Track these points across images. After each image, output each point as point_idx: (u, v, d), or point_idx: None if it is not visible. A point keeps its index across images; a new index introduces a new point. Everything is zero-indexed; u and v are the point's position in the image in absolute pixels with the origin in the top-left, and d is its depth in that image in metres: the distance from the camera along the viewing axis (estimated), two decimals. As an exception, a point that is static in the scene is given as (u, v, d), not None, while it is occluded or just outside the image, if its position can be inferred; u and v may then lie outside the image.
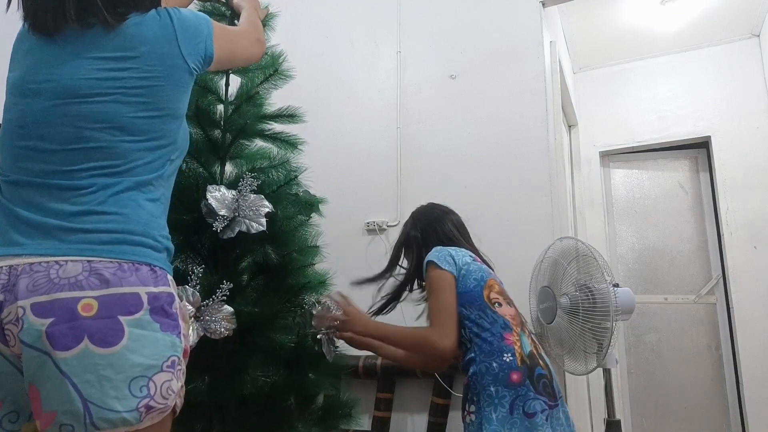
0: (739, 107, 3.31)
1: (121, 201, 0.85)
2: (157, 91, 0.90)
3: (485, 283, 1.39)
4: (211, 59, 0.98)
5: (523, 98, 2.30)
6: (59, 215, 0.82)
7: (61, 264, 0.78)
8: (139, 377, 0.76)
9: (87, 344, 0.74)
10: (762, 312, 3.06)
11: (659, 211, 3.61)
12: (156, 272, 0.84)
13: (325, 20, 2.82)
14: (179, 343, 0.83)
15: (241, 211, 1.24)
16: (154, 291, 0.81)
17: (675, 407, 3.33)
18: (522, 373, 1.24)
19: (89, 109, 0.85)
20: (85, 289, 0.76)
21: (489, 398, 1.22)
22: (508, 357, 1.25)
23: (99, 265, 0.79)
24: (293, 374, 1.29)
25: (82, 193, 0.83)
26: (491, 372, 1.24)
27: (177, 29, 0.93)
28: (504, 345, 1.27)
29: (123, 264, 0.80)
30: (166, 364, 0.79)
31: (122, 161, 0.86)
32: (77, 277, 0.77)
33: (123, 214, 0.84)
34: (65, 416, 0.74)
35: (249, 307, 1.23)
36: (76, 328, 0.74)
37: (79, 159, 0.84)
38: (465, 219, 1.74)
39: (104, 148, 0.85)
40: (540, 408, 1.21)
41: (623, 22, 3.32)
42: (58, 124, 0.85)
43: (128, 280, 0.79)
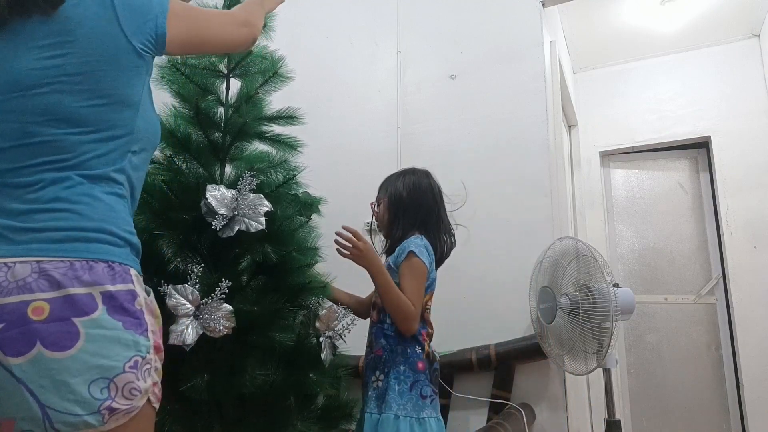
0: (739, 107, 3.31)
1: (73, 196, 0.81)
2: (100, 77, 0.84)
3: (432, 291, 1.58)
4: (163, 39, 0.90)
5: (523, 98, 2.30)
6: (9, 215, 0.78)
7: (9, 266, 0.74)
8: (99, 379, 0.74)
9: (40, 349, 0.71)
10: (762, 312, 3.06)
11: (659, 211, 3.61)
12: (114, 269, 0.79)
13: (325, 20, 2.82)
14: (144, 341, 0.79)
15: (241, 210, 1.24)
16: (110, 289, 0.77)
17: (675, 407, 3.33)
18: (425, 364, 1.49)
19: (31, 102, 0.81)
20: (34, 292, 0.73)
21: (397, 373, 1.46)
22: (419, 349, 1.50)
23: (49, 265, 0.75)
24: (293, 373, 1.29)
25: (30, 190, 0.80)
26: (405, 354, 1.48)
27: (118, 7, 0.86)
28: (420, 339, 1.51)
29: (75, 263, 0.76)
30: (128, 365, 0.76)
31: (71, 155, 0.82)
32: (26, 279, 0.73)
33: (75, 210, 0.80)
34: (24, 422, 0.72)
35: (248, 305, 1.23)
36: (27, 333, 0.72)
37: (26, 155, 0.81)
38: (465, 219, 1.75)
39: (50, 142, 0.81)
40: (430, 393, 1.48)
41: (623, 22, 3.32)
42: (5, 120, 0.82)
43: (81, 280, 0.75)
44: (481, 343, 2.09)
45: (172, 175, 1.32)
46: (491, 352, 2.05)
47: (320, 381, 1.35)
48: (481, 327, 2.15)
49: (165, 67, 1.36)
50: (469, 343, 2.11)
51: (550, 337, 1.87)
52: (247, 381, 1.18)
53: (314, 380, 1.33)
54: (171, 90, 1.38)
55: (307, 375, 1.33)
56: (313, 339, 1.37)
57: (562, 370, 1.96)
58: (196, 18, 0.96)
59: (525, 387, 2.07)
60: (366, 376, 1.55)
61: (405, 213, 1.60)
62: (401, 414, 1.41)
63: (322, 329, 1.37)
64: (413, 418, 1.42)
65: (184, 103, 1.38)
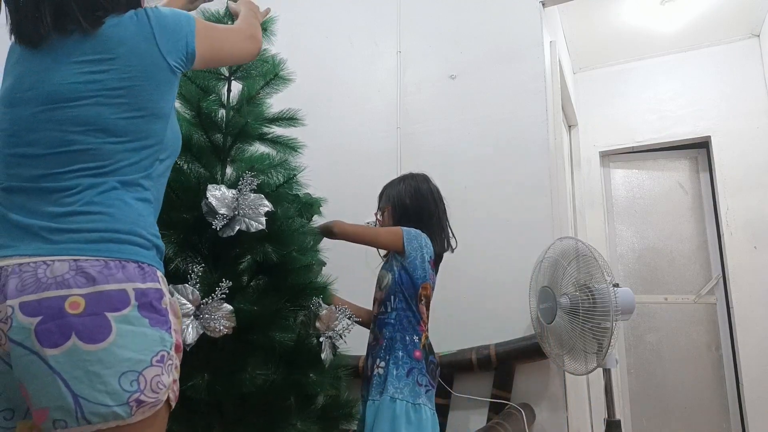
0: (739, 107, 3.31)
1: (107, 200, 0.86)
2: (138, 92, 0.90)
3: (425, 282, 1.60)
4: (193, 56, 0.97)
5: (523, 98, 2.30)
6: (47, 217, 0.83)
7: (49, 264, 0.79)
8: (129, 372, 0.78)
9: (75, 341, 0.75)
10: (762, 312, 3.06)
11: (659, 211, 3.61)
12: (144, 269, 0.84)
13: (325, 20, 2.82)
14: (169, 338, 0.84)
15: (241, 209, 1.25)
16: (141, 287, 0.82)
17: (675, 407, 3.33)
18: (422, 354, 1.54)
19: (72, 113, 0.87)
20: (71, 288, 0.77)
21: (396, 359, 1.51)
22: (416, 338, 1.55)
23: (85, 263, 0.80)
24: (293, 373, 1.29)
25: (68, 194, 0.85)
26: (404, 341, 1.53)
27: (155, 28, 0.93)
28: (418, 329, 1.56)
29: (109, 262, 0.81)
30: (155, 359, 0.80)
31: (108, 162, 0.87)
32: (64, 275, 0.78)
33: (109, 213, 0.85)
34: (57, 412, 0.76)
35: (249, 305, 1.23)
36: (63, 325, 0.76)
37: (65, 162, 0.86)
38: (465, 219, 1.75)
39: (89, 150, 0.86)
40: (425, 383, 1.51)
41: (623, 22, 3.32)
42: (44, 129, 0.87)
43: (115, 278, 0.80)
44: (481, 343, 2.10)
45: (174, 174, 1.31)
46: (491, 352, 2.05)
47: (320, 381, 1.35)
48: (481, 327, 2.15)
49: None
50: (469, 343, 2.11)
51: (550, 337, 1.87)
52: (247, 381, 1.19)
53: (314, 380, 1.33)
54: (173, 91, 1.39)
55: (307, 375, 1.33)
56: (313, 339, 1.38)
57: (562, 370, 1.96)
58: (214, 36, 1.03)
59: (525, 387, 2.07)
60: (369, 367, 1.58)
61: (408, 219, 1.64)
62: (398, 397, 1.45)
63: (322, 329, 1.37)
64: (409, 402, 1.45)
65: (186, 104, 1.39)
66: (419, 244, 1.57)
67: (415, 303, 1.56)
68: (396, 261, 1.59)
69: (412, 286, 1.56)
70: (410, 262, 1.56)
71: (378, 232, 1.63)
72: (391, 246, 1.60)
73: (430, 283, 1.61)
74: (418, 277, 1.57)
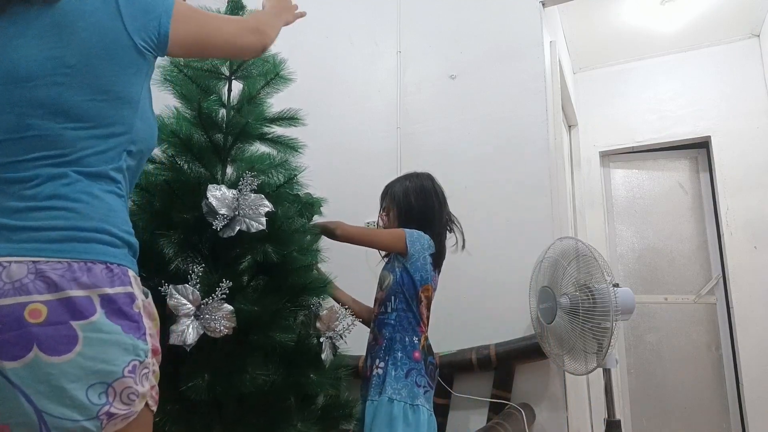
0: (739, 107, 3.31)
1: (72, 194, 0.78)
2: (101, 72, 0.82)
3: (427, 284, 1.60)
4: (165, 38, 0.88)
5: (523, 98, 2.30)
6: (5, 212, 0.75)
7: (5, 266, 0.71)
8: (97, 384, 0.72)
9: (37, 353, 0.69)
10: (762, 312, 3.06)
11: (659, 211, 3.61)
12: (112, 271, 0.77)
13: (325, 20, 2.82)
14: (143, 345, 0.78)
15: (241, 210, 1.25)
16: (108, 293, 0.75)
17: (675, 407, 3.33)
18: (421, 355, 1.54)
19: (29, 93, 0.79)
20: (31, 294, 0.70)
21: (395, 360, 1.51)
22: (416, 339, 1.55)
23: (46, 266, 0.72)
24: (293, 373, 1.29)
25: (27, 186, 0.76)
26: (403, 342, 1.53)
27: (120, 3, 0.85)
28: (417, 330, 1.56)
29: (73, 264, 0.74)
30: (126, 369, 0.75)
31: (69, 150, 0.79)
32: (22, 280, 0.71)
33: (73, 208, 0.77)
34: (19, 428, 0.70)
35: (249, 306, 1.23)
36: (23, 336, 0.69)
37: (22, 149, 0.78)
38: (465, 219, 1.75)
39: (48, 136, 0.78)
40: (424, 384, 1.51)
41: (623, 22, 3.32)
42: (1, 112, 0.79)
43: (79, 282, 0.73)
44: (481, 343, 2.10)
45: (174, 174, 1.32)
46: (491, 352, 2.05)
47: (320, 381, 1.35)
48: (481, 327, 2.15)
49: (168, 69, 1.37)
50: (469, 343, 2.11)
51: (550, 337, 1.87)
52: (248, 381, 1.18)
53: (314, 380, 1.33)
54: (174, 91, 1.39)
55: (308, 375, 1.33)
56: (313, 339, 1.38)
57: (562, 370, 1.96)
58: (201, 20, 0.94)
59: (525, 387, 2.07)
60: (368, 367, 1.58)
61: (413, 218, 1.63)
62: (396, 398, 1.45)
63: (322, 329, 1.38)
64: (407, 403, 1.45)
65: (186, 104, 1.38)
66: (422, 246, 1.57)
67: (415, 304, 1.56)
68: (398, 262, 1.59)
69: (413, 287, 1.56)
70: (412, 264, 1.56)
71: (380, 235, 1.63)
72: (393, 248, 1.59)
73: (431, 285, 1.61)
74: (419, 279, 1.56)
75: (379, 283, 1.66)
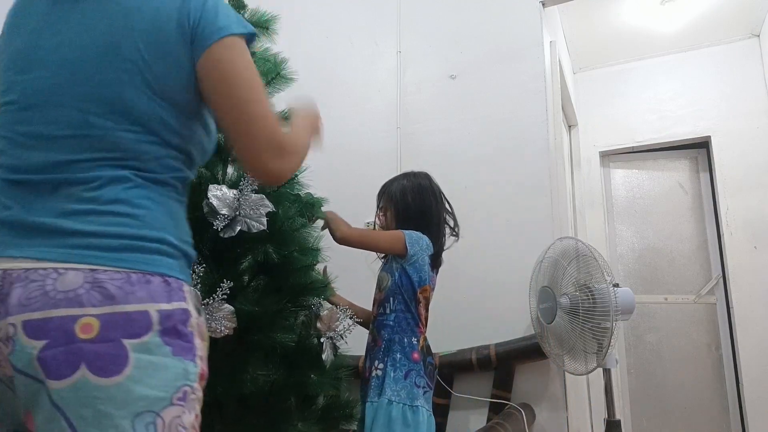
0: (739, 107, 3.31)
1: (135, 199, 0.73)
2: (158, 72, 0.76)
3: (425, 285, 1.60)
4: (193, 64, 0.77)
5: (523, 98, 2.30)
6: (62, 214, 0.69)
7: (61, 272, 0.65)
8: (145, 413, 0.65)
9: (85, 373, 0.62)
10: (762, 312, 3.06)
11: (659, 211, 3.61)
12: (170, 284, 0.71)
13: (325, 20, 2.82)
14: (193, 368, 0.71)
15: (242, 210, 1.25)
16: (166, 308, 0.69)
17: (675, 407, 3.33)
18: (420, 355, 1.54)
19: (93, 89, 0.73)
20: (84, 306, 0.64)
21: (394, 361, 1.51)
22: (414, 340, 1.54)
23: (103, 275, 0.66)
24: (294, 374, 1.29)
25: (87, 187, 0.71)
26: (402, 343, 1.53)
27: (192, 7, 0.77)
28: (416, 331, 1.56)
29: (131, 275, 0.68)
30: (176, 396, 0.68)
31: (130, 153, 0.74)
32: (77, 290, 0.65)
33: (134, 215, 0.72)
34: None
35: (250, 306, 1.23)
36: (72, 352, 0.63)
37: (84, 147, 0.72)
38: (465, 219, 1.75)
39: (108, 136, 0.73)
40: (423, 384, 1.51)
41: (623, 22, 3.32)
42: (67, 105, 0.73)
43: (136, 295, 0.67)
44: (481, 343, 2.10)
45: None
46: (491, 352, 2.05)
47: (321, 381, 1.35)
48: (481, 327, 2.15)
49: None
50: (469, 343, 2.11)
51: (550, 337, 1.87)
52: (248, 381, 1.19)
53: (315, 381, 1.34)
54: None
55: (308, 375, 1.33)
56: (314, 339, 1.38)
57: (562, 370, 1.96)
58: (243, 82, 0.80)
59: (525, 387, 2.07)
60: (367, 368, 1.58)
61: (410, 218, 1.62)
62: (395, 400, 1.45)
63: (323, 330, 1.38)
64: (406, 405, 1.46)
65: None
66: (420, 247, 1.57)
67: (414, 305, 1.56)
68: (396, 263, 1.59)
69: (412, 289, 1.56)
70: (411, 265, 1.56)
71: (379, 237, 1.62)
72: (393, 251, 1.58)
73: (429, 285, 1.61)
74: (417, 280, 1.56)
75: (378, 284, 1.66)
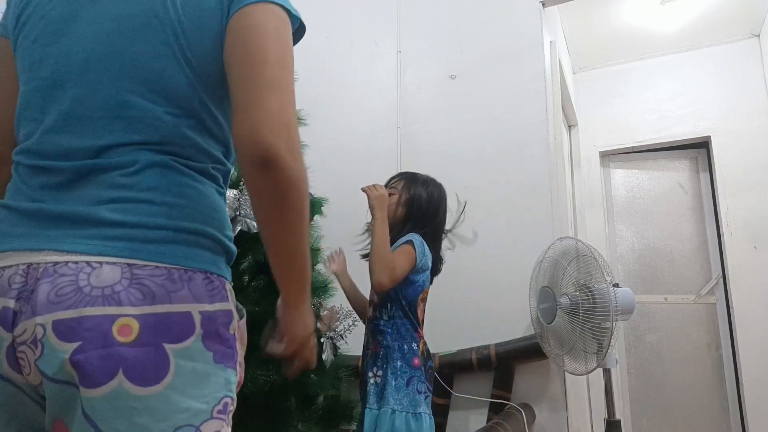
0: (739, 107, 3.31)
1: (175, 187, 0.65)
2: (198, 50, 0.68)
3: (425, 288, 1.59)
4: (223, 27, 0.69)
5: (523, 98, 2.30)
6: (97, 202, 0.62)
7: (95, 267, 0.58)
8: (185, 426, 0.58)
9: (122, 381, 0.55)
10: (762, 312, 3.06)
11: (659, 211, 3.61)
12: (212, 282, 0.64)
13: (325, 20, 2.82)
14: (234, 377, 0.65)
15: (242, 210, 1.25)
16: (208, 310, 0.61)
17: (675, 407, 3.33)
18: (420, 361, 1.53)
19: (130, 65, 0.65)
20: (123, 305, 0.57)
21: (394, 369, 1.49)
22: (414, 345, 1.53)
23: (142, 271, 0.59)
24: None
25: (124, 172, 0.63)
26: (402, 350, 1.51)
27: None
28: (416, 336, 1.55)
29: (173, 271, 0.60)
30: (217, 408, 0.61)
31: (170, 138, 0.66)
32: (114, 287, 0.57)
33: (175, 204, 0.64)
34: None
35: (250, 306, 1.23)
36: (109, 357, 0.55)
37: (120, 129, 0.65)
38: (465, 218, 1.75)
39: (145, 118, 0.65)
40: (424, 390, 1.51)
41: (623, 22, 3.32)
42: (101, 83, 0.65)
43: (179, 294, 0.59)
44: (481, 343, 2.10)
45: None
46: (491, 352, 2.05)
47: (321, 382, 1.35)
48: (481, 327, 2.15)
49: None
50: (469, 343, 2.11)
51: (550, 337, 1.87)
52: (248, 381, 1.19)
53: (315, 381, 1.34)
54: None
55: (308, 376, 1.33)
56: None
57: (562, 370, 1.96)
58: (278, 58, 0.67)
59: (525, 387, 2.07)
60: (365, 373, 1.57)
61: (419, 219, 1.61)
62: (398, 408, 1.45)
63: (323, 330, 1.38)
64: (409, 413, 1.45)
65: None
66: (425, 254, 1.56)
67: (413, 311, 1.55)
68: None
69: (413, 293, 1.55)
70: (416, 270, 1.54)
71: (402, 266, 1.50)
72: (406, 271, 1.51)
73: (428, 287, 1.61)
74: (420, 284, 1.56)
75: None
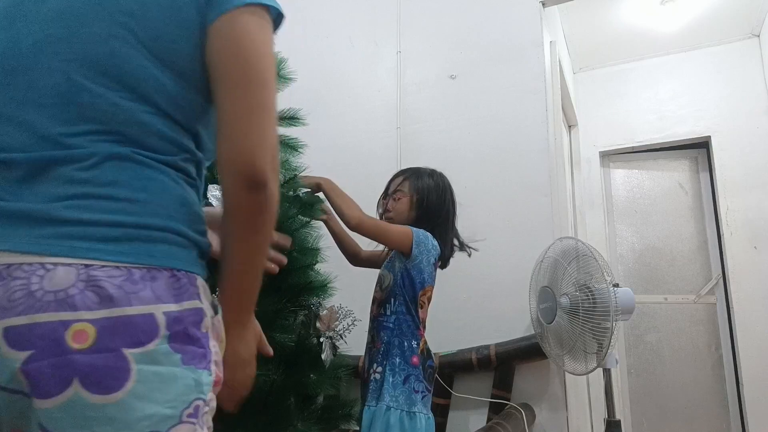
0: (739, 107, 3.31)
1: (136, 181, 0.61)
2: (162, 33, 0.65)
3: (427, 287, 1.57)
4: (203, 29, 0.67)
5: (523, 98, 2.30)
6: (51, 198, 0.58)
7: (48, 268, 0.55)
8: None
9: (77, 389, 0.53)
10: (762, 312, 3.06)
11: (659, 211, 3.61)
12: (179, 280, 0.61)
13: (325, 20, 2.82)
14: (207, 377, 0.61)
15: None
16: (174, 310, 0.59)
17: (675, 407, 3.33)
18: (420, 359, 1.51)
19: (80, 47, 0.62)
20: (78, 309, 0.54)
21: (392, 365, 1.48)
22: (414, 343, 1.52)
23: (100, 272, 0.56)
24: (293, 374, 1.29)
25: (81, 166, 0.60)
26: (401, 347, 1.50)
27: None
28: (417, 334, 1.53)
29: (134, 270, 0.57)
30: (187, 412, 0.58)
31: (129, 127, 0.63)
32: (68, 290, 0.54)
33: (136, 199, 0.60)
34: None
35: (249, 306, 1.23)
36: (62, 366, 0.52)
37: (73, 118, 0.61)
38: (465, 219, 1.75)
39: (101, 104, 0.62)
40: (422, 389, 1.49)
41: (623, 22, 3.32)
42: (49, 67, 0.62)
43: (140, 296, 0.56)
44: (481, 343, 2.10)
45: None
46: (491, 352, 2.05)
47: (320, 381, 1.35)
48: (481, 327, 2.15)
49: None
50: (469, 343, 2.11)
51: (550, 337, 1.87)
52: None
53: (314, 380, 1.34)
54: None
55: (308, 375, 1.33)
56: (313, 339, 1.38)
57: (562, 370, 1.96)
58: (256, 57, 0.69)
59: (525, 387, 2.07)
60: (366, 370, 1.56)
61: (425, 215, 1.60)
62: (392, 406, 1.43)
63: (322, 329, 1.38)
64: (404, 411, 1.44)
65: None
66: (426, 248, 1.54)
67: (415, 307, 1.54)
68: (399, 262, 1.56)
69: (413, 290, 1.53)
70: (415, 266, 1.53)
71: (391, 231, 1.54)
72: (399, 246, 1.54)
73: (432, 286, 1.59)
74: (421, 281, 1.54)
75: (378, 282, 1.63)
